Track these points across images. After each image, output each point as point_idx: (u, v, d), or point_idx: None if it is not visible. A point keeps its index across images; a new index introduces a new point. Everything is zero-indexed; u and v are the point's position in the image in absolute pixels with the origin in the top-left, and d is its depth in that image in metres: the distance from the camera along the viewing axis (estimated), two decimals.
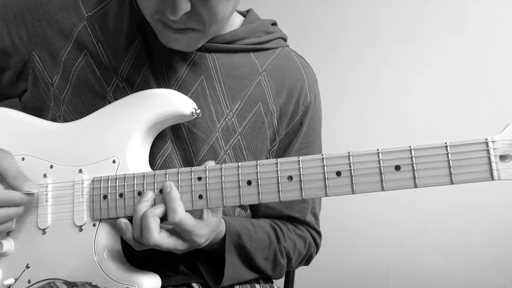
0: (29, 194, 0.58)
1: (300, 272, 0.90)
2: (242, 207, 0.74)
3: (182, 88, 0.67)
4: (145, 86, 0.65)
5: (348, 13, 1.45)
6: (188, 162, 0.67)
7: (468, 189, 1.27)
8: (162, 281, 0.61)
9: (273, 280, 0.79)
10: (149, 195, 0.56)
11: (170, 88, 0.66)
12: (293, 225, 0.77)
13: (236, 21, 0.74)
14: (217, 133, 0.68)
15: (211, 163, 0.57)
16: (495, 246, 1.27)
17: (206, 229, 0.56)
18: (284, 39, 0.80)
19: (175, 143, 0.68)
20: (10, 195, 0.57)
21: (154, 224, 0.53)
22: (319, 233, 0.81)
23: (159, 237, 0.53)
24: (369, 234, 1.38)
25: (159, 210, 0.54)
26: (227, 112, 0.69)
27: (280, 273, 0.75)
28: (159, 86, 0.67)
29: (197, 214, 0.56)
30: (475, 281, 1.29)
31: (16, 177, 0.58)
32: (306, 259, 0.80)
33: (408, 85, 1.38)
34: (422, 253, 1.34)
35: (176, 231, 0.55)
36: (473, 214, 1.29)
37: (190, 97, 0.64)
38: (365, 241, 1.38)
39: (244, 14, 0.78)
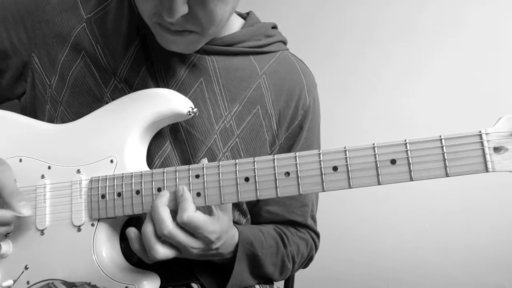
0: (20, 215, 0.57)
1: (300, 273, 0.90)
2: (241, 212, 0.74)
3: (181, 90, 0.67)
4: (144, 87, 0.65)
5: (348, 15, 1.45)
6: (186, 163, 0.67)
7: (468, 190, 1.27)
8: (161, 281, 0.61)
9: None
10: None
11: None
12: (295, 229, 0.77)
13: (236, 24, 0.74)
14: (216, 135, 0.68)
15: (205, 161, 0.57)
16: (495, 247, 1.27)
17: (218, 225, 0.55)
18: (284, 43, 0.80)
19: (174, 144, 0.68)
20: (1, 215, 0.56)
21: (166, 213, 0.53)
22: (318, 235, 0.81)
23: (174, 227, 0.52)
24: (369, 235, 1.38)
25: (165, 198, 0.54)
26: (226, 114, 0.69)
27: (285, 276, 0.75)
28: (158, 87, 0.67)
29: (206, 211, 0.56)
30: (475, 282, 1.29)
31: (12, 195, 0.57)
32: (307, 261, 0.80)
33: (408, 86, 1.38)
34: (422, 254, 1.34)
35: (188, 231, 0.54)
36: (473, 215, 1.30)
37: (189, 98, 0.64)
38: (365, 242, 1.38)
39: (244, 16, 0.78)
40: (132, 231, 0.56)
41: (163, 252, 0.53)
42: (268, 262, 0.68)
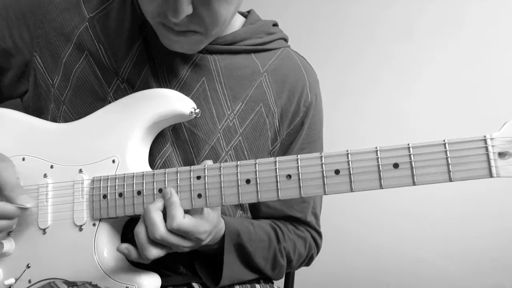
0: (23, 208, 0.57)
1: (301, 273, 0.90)
2: (243, 209, 0.74)
3: (184, 90, 0.67)
4: (146, 87, 0.65)
5: (348, 14, 1.45)
6: (189, 163, 0.67)
7: (468, 191, 1.27)
8: (161, 280, 0.61)
9: (273, 280, 0.79)
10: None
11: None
12: (293, 226, 0.76)
13: (237, 22, 0.74)
14: (218, 134, 0.68)
15: (209, 162, 0.57)
16: (495, 248, 1.27)
17: (208, 226, 0.56)
18: (285, 40, 0.80)
19: (176, 144, 0.68)
20: (4, 207, 0.57)
21: (158, 218, 0.53)
22: (319, 234, 0.80)
23: (166, 231, 0.52)
24: (369, 236, 1.38)
25: (159, 203, 0.55)
26: (229, 113, 0.69)
27: (280, 274, 0.75)
28: (160, 87, 0.67)
29: (198, 211, 0.56)
30: (475, 283, 1.28)
31: (13, 189, 0.57)
32: (307, 260, 0.79)
33: (409, 86, 1.38)
34: (422, 255, 1.33)
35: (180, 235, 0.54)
36: (473, 215, 1.29)
37: (191, 98, 0.64)
38: (365, 243, 1.38)
39: (245, 15, 0.78)
40: (123, 248, 0.55)
41: (155, 252, 0.54)
42: (259, 255, 0.68)
